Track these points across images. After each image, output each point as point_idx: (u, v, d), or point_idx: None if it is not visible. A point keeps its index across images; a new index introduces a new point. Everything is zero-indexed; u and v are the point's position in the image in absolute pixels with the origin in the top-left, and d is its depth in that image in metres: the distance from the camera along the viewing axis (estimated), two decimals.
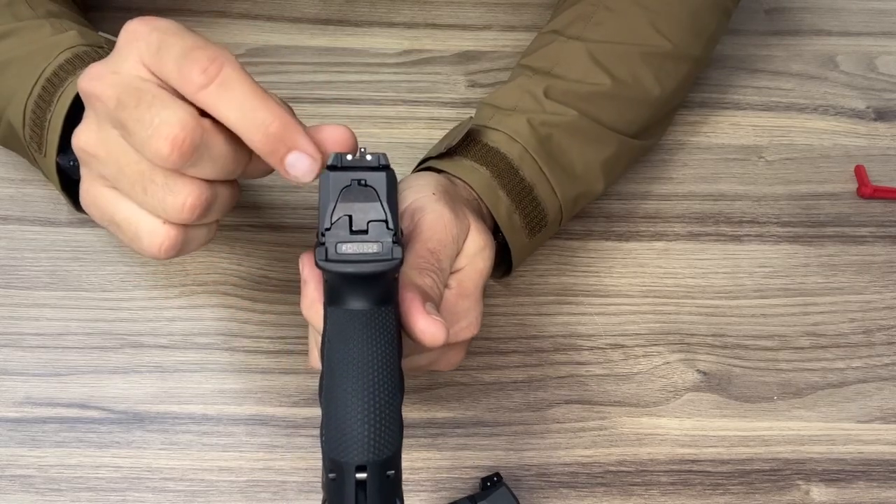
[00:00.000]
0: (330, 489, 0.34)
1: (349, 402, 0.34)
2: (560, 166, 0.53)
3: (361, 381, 0.34)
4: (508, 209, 0.50)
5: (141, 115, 0.35)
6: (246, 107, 0.35)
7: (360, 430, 0.33)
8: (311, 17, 0.71)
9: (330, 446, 0.34)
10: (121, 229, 0.39)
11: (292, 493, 0.50)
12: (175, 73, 0.35)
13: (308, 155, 0.36)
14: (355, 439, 0.33)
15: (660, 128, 0.61)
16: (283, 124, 0.35)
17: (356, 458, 0.33)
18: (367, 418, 0.33)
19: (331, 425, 0.34)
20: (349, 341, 0.35)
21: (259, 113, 0.35)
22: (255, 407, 0.52)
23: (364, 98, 0.66)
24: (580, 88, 0.55)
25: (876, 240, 0.62)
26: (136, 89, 0.35)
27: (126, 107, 0.35)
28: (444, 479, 0.51)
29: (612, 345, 0.56)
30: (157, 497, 0.49)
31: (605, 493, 0.51)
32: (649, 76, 0.57)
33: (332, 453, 0.34)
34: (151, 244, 0.38)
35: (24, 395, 0.52)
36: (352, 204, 0.35)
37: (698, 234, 0.62)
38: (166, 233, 0.38)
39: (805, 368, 0.56)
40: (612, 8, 0.58)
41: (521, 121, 0.52)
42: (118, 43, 0.37)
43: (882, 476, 0.53)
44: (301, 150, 0.36)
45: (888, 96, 0.70)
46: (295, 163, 0.36)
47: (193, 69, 0.34)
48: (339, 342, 0.35)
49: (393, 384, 0.35)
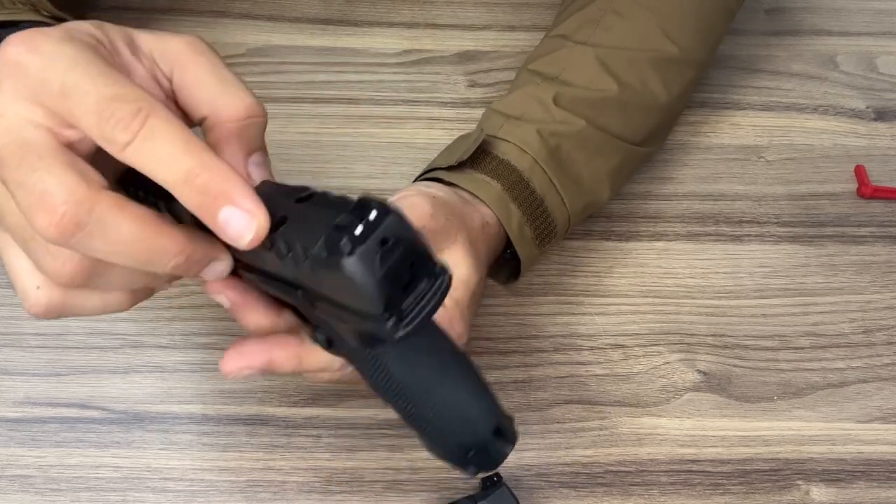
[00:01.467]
0: (483, 460, 0.39)
1: (456, 398, 0.38)
2: (569, 177, 0.53)
3: (450, 379, 0.38)
4: (520, 222, 0.50)
5: (23, 179, 0.30)
6: (170, 157, 0.30)
7: (479, 408, 0.38)
8: (311, 17, 0.71)
9: (457, 435, 0.38)
10: (10, 275, 0.35)
11: (292, 493, 0.50)
12: (94, 130, 0.30)
13: (244, 211, 0.30)
14: (478, 418, 0.38)
15: (664, 133, 0.61)
16: (214, 175, 0.30)
17: (486, 428, 0.38)
18: (476, 398, 0.39)
19: (452, 424, 0.38)
20: (416, 365, 0.37)
21: (184, 163, 0.30)
22: (255, 407, 0.52)
23: (364, 98, 0.66)
24: (588, 95, 0.55)
25: (876, 240, 0.62)
26: (22, 144, 0.30)
27: (7, 165, 0.30)
28: (444, 479, 0.51)
29: (612, 345, 0.56)
30: (157, 497, 0.49)
31: (605, 493, 0.51)
32: (657, 82, 0.56)
33: (467, 437, 0.38)
34: (27, 301, 0.34)
35: (24, 395, 0.52)
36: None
37: (698, 234, 0.62)
38: (46, 293, 0.34)
39: (805, 368, 0.56)
40: (620, 12, 0.57)
41: (530, 131, 0.52)
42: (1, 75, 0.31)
43: (882, 476, 0.53)
44: (236, 205, 0.30)
45: (888, 96, 0.70)
46: (229, 219, 0.30)
47: (116, 128, 0.29)
48: (405, 368, 0.37)
49: (465, 363, 0.39)
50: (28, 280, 0.34)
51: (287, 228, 0.31)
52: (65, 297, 0.34)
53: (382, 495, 0.50)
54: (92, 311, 0.35)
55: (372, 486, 0.50)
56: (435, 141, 0.63)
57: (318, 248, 0.29)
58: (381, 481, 0.50)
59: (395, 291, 0.30)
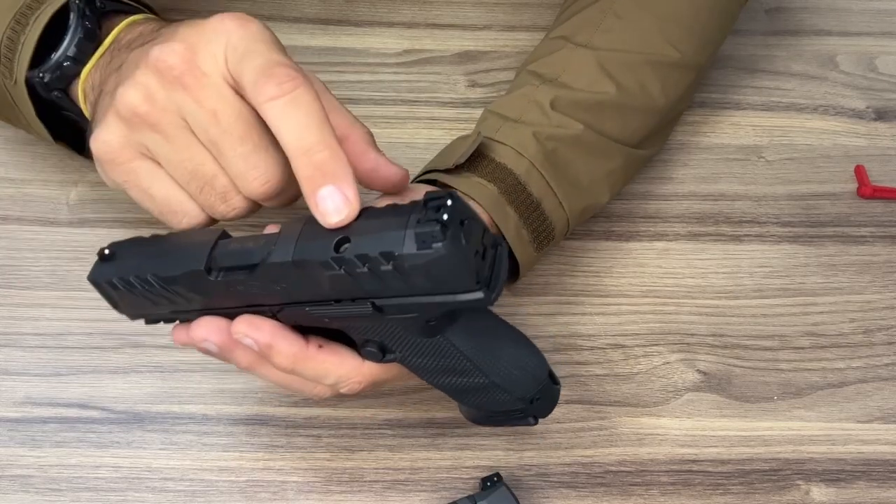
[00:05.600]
0: (545, 405, 0.44)
1: (516, 353, 0.42)
2: (566, 179, 0.53)
3: (505, 340, 0.42)
4: (517, 225, 0.50)
5: (246, 153, 0.38)
6: (303, 128, 0.35)
7: (534, 358, 0.42)
8: (311, 17, 0.71)
9: (524, 386, 0.42)
10: (154, 201, 0.41)
11: (292, 493, 0.50)
12: (251, 80, 0.36)
13: (343, 196, 0.35)
14: (536, 365, 0.42)
15: (662, 136, 0.61)
16: (331, 157, 0.35)
17: (544, 374, 0.43)
18: (529, 349, 0.43)
19: (516, 378, 0.42)
20: (477, 335, 0.41)
21: (312, 137, 0.35)
22: (255, 407, 0.52)
23: (364, 98, 0.66)
24: (587, 98, 0.54)
25: (876, 240, 0.62)
26: (239, 117, 0.37)
27: (226, 132, 0.37)
28: (444, 479, 0.51)
29: (612, 345, 0.56)
30: (157, 497, 0.49)
31: (605, 493, 0.51)
32: (656, 85, 0.56)
33: (528, 390, 0.42)
34: (185, 224, 0.42)
35: (24, 395, 0.52)
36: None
37: (698, 234, 0.62)
38: (204, 220, 0.42)
39: (805, 368, 0.56)
40: (621, 15, 0.57)
41: (527, 134, 0.52)
42: (203, 30, 0.38)
43: (882, 476, 0.53)
44: (339, 188, 0.35)
45: (888, 96, 0.70)
46: (326, 197, 0.35)
47: (270, 82, 0.36)
48: (470, 340, 0.41)
49: (505, 323, 0.43)
50: (189, 208, 0.41)
51: (354, 245, 0.35)
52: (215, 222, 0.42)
53: (382, 495, 0.50)
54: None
55: (372, 486, 0.50)
56: (435, 141, 0.63)
57: (405, 247, 0.34)
58: (381, 481, 0.50)
59: (480, 263, 0.35)
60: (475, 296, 0.35)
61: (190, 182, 0.40)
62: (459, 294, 0.35)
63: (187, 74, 0.38)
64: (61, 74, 0.47)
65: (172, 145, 0.39)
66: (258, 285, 0.38)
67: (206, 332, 0.41)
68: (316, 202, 0.35)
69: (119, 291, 0.41)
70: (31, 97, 0.48)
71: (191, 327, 0.41)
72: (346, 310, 0.38)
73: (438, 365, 0.41)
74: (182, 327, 0.42)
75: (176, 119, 0.39)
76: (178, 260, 0.40)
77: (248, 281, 0.38)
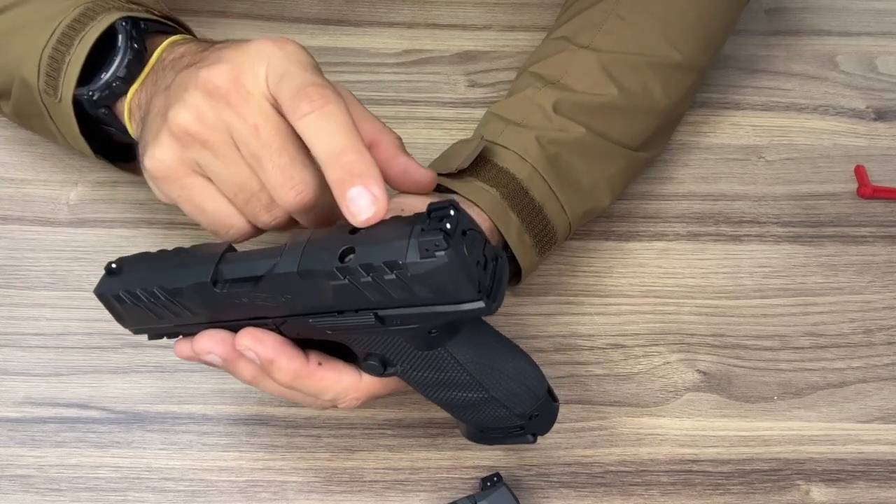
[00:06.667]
0: (544, 422, 0.44)
1: (515, 368, 0.42)
2: (568, 183, 0.53)
3: (505, 354, 0.42)
4: (519, 230, 0.50)
5: (283, 165, 0.40)
6: (333, 136, 0.38)
7: (533, 374, 0.43)
8: (311, 17, 0.71)
9: (523, 402, 0.43)
10: (205, 214, 0.43)
11: (292, 493, 0.50)
12: (288, 99, 0.39)
13: (371, 194, 0.37)
14: (536, 381, 0.43)
15: (663, 138, 0.61)
16: (359, 159, 0.38)
17: (543, 390, 0.43)
18: (529, 365, 0.43)
19: (515, 394, 0.42)
20: (477, 348, 0.41)
21: (341, 141, 0.38)
22: (255, 407, 0.52)
23: (364, 98, 0.65)
24: (589, 101, 0.54)
25: (876, 240, 0.62)
26: (278, 132, 0.40)
27: (266, 146, 0.40)
28: (444, 479, 0.51)
29: (612, 345, 0.56)
30: (157, 497, 0.49)
31: (605, 493, 0.51)
32: (658, 87, 0.56)
33: (527, 406, 0.43)
34: (232, 235, 0.44)
35: (24, 395, 0.52)
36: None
37: (698, 234, 0.62)
38: (250, 232, 0.44)
39: (805, 368, 0.56)
40: (623, 17, 0.57)
41: (529, 138, 0.52)
42: (246, 52, 0.41)
43: (882, 476, 0.53)
44: (367, 187, 0.37)
45: (888, 96, 0.70)
46: (356, 197, 0.37)
47: (304, 100, 0.39)
48: (470, 353, 0.41)
49: (505, 338, 0.43)
50: (237, 222, 0.43)
51: (358, 255, 0.36)
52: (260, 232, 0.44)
53: (382, 495, 0.50)
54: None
55: (372, 486, 0.50)
56: (435, 141, 0.63)
57: (409, 255, 0.35)
58: (381, 481, 0.50)
59: (481, 273, 0.36)
60: (476, 305, 0.36)
61: (238, 194, 0.42)
62: (461, 303, 0.36)
63: (233, 93, 0.40)
64: (110, 93, 0.49)
65: (222, 161, 0.41)
66: (263, 297, 0.39)
67: (210, 345, 0.42)
68: (347, 203, 0.37)
69: (125, 305, 0.42)
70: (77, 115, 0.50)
71: (195, 339, 0.42)
72: (350, 321, 0.38)
73: (438, 378, 0.42)
74: (185, 340, 0.43)
75: (225, 137, 0.41)
76: (185, 273, 0.40)
77: (253, 292, 0.39)
